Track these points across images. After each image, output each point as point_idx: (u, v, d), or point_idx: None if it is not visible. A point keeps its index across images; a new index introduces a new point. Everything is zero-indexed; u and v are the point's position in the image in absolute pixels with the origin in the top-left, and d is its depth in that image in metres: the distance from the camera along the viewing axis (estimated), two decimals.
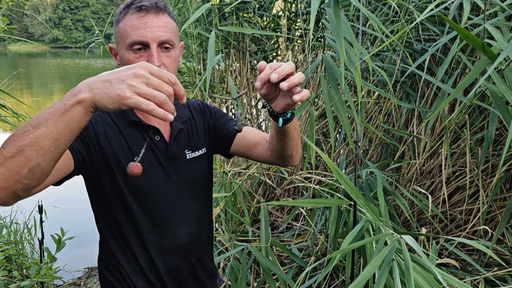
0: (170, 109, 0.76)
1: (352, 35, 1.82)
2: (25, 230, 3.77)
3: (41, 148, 0.75)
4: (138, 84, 0.73)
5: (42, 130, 0.75)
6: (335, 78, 2.04)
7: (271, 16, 4.11)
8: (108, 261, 1.24)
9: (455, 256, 2.43)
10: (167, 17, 1.12)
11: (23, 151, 0.75)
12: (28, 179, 0.78)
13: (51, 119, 0.75)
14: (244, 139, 1.27)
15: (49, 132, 0.75)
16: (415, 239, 2.43)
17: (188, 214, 1.25)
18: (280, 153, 1.18)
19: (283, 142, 1.12)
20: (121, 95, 0.73)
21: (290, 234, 3.04)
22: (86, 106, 0.75)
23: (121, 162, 1.13)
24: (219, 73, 4.22)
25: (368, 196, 2.34)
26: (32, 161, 0.76)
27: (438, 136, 2.67)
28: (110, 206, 1.18)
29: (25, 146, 0.75)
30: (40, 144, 0.75)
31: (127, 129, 1.17)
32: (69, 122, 0.75)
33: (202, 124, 1.30)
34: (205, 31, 3.97)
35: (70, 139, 0.78)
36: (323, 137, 3.45)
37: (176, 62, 1.15)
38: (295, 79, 0.88)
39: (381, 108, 3.00)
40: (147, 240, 1.19)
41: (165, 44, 1.11)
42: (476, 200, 2.66)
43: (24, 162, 0.76)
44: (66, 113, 0.75)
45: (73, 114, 0.75)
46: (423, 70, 2.57)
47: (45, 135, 0.75)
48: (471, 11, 2.42)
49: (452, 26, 1.57)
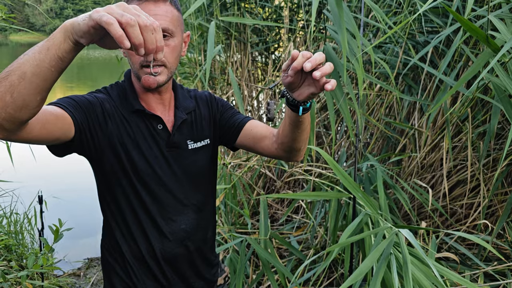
0: (135, 36, 0.73)
1: (355, 26, 1.79)
2: (25, 220, 3.77)
3: (23, 72, 0.77)
4: (116, 8, 0.74)
5: (28, 55, 0.78)
6: (337, 70, 2.02)
7: (273, 7, 4.07)
8: (109, 243, 1.27)
9: (454, 250, 2.43)
10: (167, 6, 1.11)
11: (8, 76, 0.77)
12: (11, 107, 0.78)
13: (38, 46, 0.79)
14: (251, 132, 1.27)
15: (32, 57, 0.77)
16: (414, 233, 2.43)
17: (187, 203, 1.26)
18: (289, 145, 1.17)
19: (295, 134, 1.12)
20: (93, 12, 0.74)
21: (289, 226, 3.03)
22: (66, 31, 0.77)
23: (126, 144, 1.15)
24: (220, 64, 4.19)
25: (368, 189, 2.32)
26: (14, 86, 0.77)
27: (439, 129, 2.65)
28: (112, 187, 1.19)
29: (11, 71, 0.78)
30: (22, 69, 0.77)
31: (131, 117, 1.18)
32: (50, 46, 0.77)
33: (208, 115, 1.31)
34: (206, 21, 3.94)
35: (49, 68, 0.78)
36: (324, 130, 3.43)
37: (175, 52, 1.14)
38: (326, 69, 0.90)
39: (382, 101, 2.98)
40: (146, 224, 1.21)
41: (163, 32, 1.09)
42: (477, 194, 2.65)
43: (8, 87, 0.77)
44: (49, 39, 0.78)
45: (54, 39, 0.77)
46: (425, 62, 2.54)
47: (28, 60, 0.77)
48: (475, 2, 2.39)
49: (455, 17, 1.54)
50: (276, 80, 4.02)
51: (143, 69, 1.11)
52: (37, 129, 0.91)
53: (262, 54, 4.42)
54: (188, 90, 1.34)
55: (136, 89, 1.21)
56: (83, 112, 1.08)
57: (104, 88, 1.23)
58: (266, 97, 4.25)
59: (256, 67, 4.42)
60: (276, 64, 4.19)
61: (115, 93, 1.20)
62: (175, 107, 1.25)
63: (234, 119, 1.31)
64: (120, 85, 1.23)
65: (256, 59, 4.45)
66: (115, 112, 1.16)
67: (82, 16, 0.76)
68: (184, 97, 1.28)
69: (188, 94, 1.31)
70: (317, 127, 3.37)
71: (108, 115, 1.15)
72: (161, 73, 1.12)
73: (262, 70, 4.45)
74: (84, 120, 1.08)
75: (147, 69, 1.10)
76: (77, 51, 0.80)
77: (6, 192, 3.88)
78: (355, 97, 2.05)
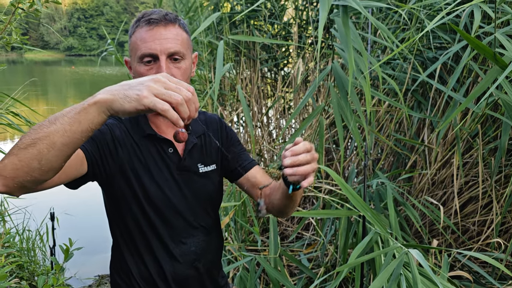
0: (184, 112, 0.79)
1: (361, 44, 1.80)
2: (37, 237, 3.80)
3: (53, 143, 0.79)
4: (157, 86, 0.78)
5: (57, 125, 0.79)
6: (344, 87, 2.03)
7: (282, 24, 4.11)
8: (119, 265, 1.27)
9: (468, 268, 2.38)
10: (177, 29, 1.13)
11: (36, 144, 0.79)
12: (37, 172, 0.81)
13: (67, 116, 0.79)
14: (252, 179, 1.31)
15: (62, 128, 0.79)
16: (426, 251, 2.40)
17: (196, 225, 1.27)
18: (278, 209, 1.22)
19: (285, 203, 1.16)
20: (139, 94, 0.77)
21: (299, 244, 3.01)
22: (101, 106, 0.79)
23: (137, 169, 1.17)
24: (230, 81, 4.23)
25: (378, 206, 2.31)
26: (43, 154, 0.79)
27: (450, 145, 2.63)
28: (122, 211, 1.20)
29: (38, 139, 0.79)
30: (52, 139, 0.79)
31: (142, 141, 1.19)
32: (83, 120, 0.79)
33: (216, 143, 1.33)
34: (216, 39, 3.99)
35: (81, 139, 0.80)
36: (334, 146, 3.43)
37: (186, 73, 1.16)
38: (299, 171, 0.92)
39: (392, 117, 2.97)
40: (156, 247, 1.22)
41: (174, 55, 1.12)
42: (489, 211, 2.61)
43: (36, 154, 0.79)
44: (81, 111, 0.79)
45: (87, 113, 0.79)
46: (434, 78, 2.53)
47: (58, 130, 0.79)
48: (483, 19, 2.39)
49: (462, 36, 1.54)
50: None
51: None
52: (55, 179, 0.94)
53: (271, 70, 4.46)
54: (198, 112, 1.35)
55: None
56: (94, 143, 1.10)
57: None
58: (275, 113, 4.26)
59: (266, 83, 4.45)
60: (285, 80, 4.21)
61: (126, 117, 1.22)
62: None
63: (241, 159, 1.33)
64: None
65: (265, 75, 4.48)
66: (125, 138, 1.18)
67: (121, 93, 0.78)
68: (194, 121, 1.29)
69: (198, 117, 1.31)
70: (327, 143, 3.36)
71: (118, 142, 1.16)
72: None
73: (272, 86, 4.48)
74: (95, 150, 1.10)
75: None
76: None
77: (18, 209, 3.92)
78: (363, 114, 2.05)
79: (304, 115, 4.04)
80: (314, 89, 2.23)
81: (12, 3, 1.85)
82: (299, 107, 2.31)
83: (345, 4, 1.66)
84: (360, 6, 1.54)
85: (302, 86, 3.94)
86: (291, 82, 4.05)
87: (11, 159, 0.81)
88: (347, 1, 1.60)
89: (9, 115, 3.04)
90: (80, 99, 15.16)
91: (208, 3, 4.19)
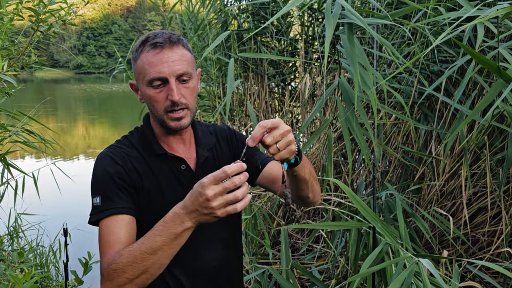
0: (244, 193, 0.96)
1: (366, 60, 1.86)
2: (50, 253, 3.85)
3: (162, 264, 1.01)
4: (218, 202, 0.93)
5: (160, 254, 0.99)
6: (351, 101, 2.08)
7: (289, 40, 4.19)
8: None
9: (479, 279, 2.39)
10: (181, 49, 1.16)
11: (148, 271, 1.00)
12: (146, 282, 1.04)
13: (166, 245, 0.99)
14: (270, 174, 1.31)
15: (166, 253, 1.00)
16: (436, 262, 2.41)
17: (215, 240, 1.27)
18: (296, 194, 1.24)
19: (295, 184, 1.19)
20: (215, 216, 0.95)
21: (310, 256, 3.03)
22: (192, 228, 0.99)
23: (152, 190, 1.19)
24: (238, 96, 4.30)
25: (388, 218, 2.33)
26: (155, 274, 1.02)
27: (457, 156, 2.66)
28: (142, 228, 1.20)
29: (149, 267, 1.00)
30: (160, 263, 1.01)
31: (153, 160, 1.22)
32: (181, 242, 1.00)
33: (228, 151, 1.34)
34: (224, 56, 4.08)
35: (179, 247, 1.02)
36: (342, 159, 3.46)
37: (194, 92, 1.20)
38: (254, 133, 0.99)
39: (399, 129, 3.01)
40: (176, 262, 1.19)
41: (183, 76, 1.15)
42: (499, 221, 2.62)
43: (149, 276, 1.02)
44: (178, 238, 0.99)
45: (184, 237, 1.00)
46: (440, 91, 2.57)
47: (163, 256, 1.00)
48: (486, 32, 2.44)
49: (467, 51, 1.59)
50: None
51: (168, 114, 1.15)
52: None
53: (278, 85, 4.53)
54: (207, 125, 1.37)
55: (156, 133, 1.24)
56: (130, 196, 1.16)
57: (124, 138, 1.27)
58: None
59: (273, 98, 4.52)
60: (293, 94, 4.28)
61: (136, 139, 1.25)
62: (196, 144, 1.28)
63: (255, 158, 1.33)
64: (140, 130, 1.27)
65: (273, 90, 4.55)
66: (138, 164, 1.20)
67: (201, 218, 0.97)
68: (204, 134, 1.31)
69: (207, 129, 1.35)
70: (335, 156, 3.40)
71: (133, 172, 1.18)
72: (185, 116, 1.17)
73: (279, 100, 4.54)
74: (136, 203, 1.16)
75: (172, 114, 1.15)
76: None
77: (32, 226, 3.98)
78: (370, 127, 2.09)
79: (312, 129, 4.09)
80: (322, 103, 2.28)
81: (32, 26, 1.94)
82: (308, 121, 2.35)
83: (350, 21, 1.72)
84: (364, 23, 1.60)
85: (309, 100, 4.00)
86: (298, 97, 4.11)
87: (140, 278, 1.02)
88: (352, 19, 1.66)
89: (24, 133, 3.13)
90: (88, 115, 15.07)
91: (216, 21, 4.29)
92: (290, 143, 0.99)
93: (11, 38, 2.03)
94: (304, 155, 1.18)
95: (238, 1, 4.23)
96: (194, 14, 4.32)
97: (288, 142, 0.98)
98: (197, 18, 4.36)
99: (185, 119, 1.17)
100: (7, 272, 1.52)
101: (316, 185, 1.24)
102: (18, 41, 2.04)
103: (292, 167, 1.11)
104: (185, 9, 4.49)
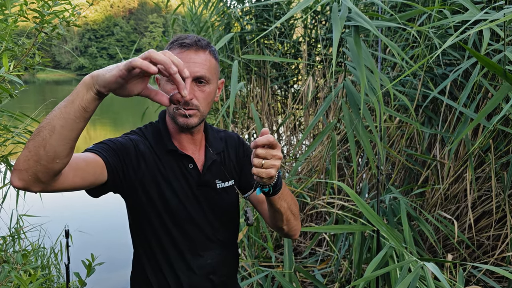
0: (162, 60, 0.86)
1: (373, 62, 1.85)
2: (52, 254, 3.84)
3: (53, 126, 0.88)
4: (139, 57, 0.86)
5: (55, 111, 0.89)
6: (356, 104, 2.07)
7: (292, 42, 4.19)
8: (139, 276, 1.33)
9: (484, 283, 2.38)
10: (207, 55, 1.20)
11: (40, 132, 0.88)
12: (44, 159, 0.88)
13: (63, 101, 0.90)
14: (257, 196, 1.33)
15: (59, 111, 0.88)
16: (440, 266, 2.39)
17: (213, 239, 1.31)
18: (271, 220, 1.25)
19: (271, 211, 1.20)
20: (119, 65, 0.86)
21: (313, 259, 3.02)
22: (88, 83, 0.88)
23: (159, 182, 1.22)
24: (241, 99, 4.29)
25: (392, 221, 2.32)
26: (46, 140, 0.88)
27: (462, 160, 2.64)
28: (142, 223, 1.26)
29: (41, 128, 0.88)
30: (52, 124, 0.88)
31: (164, 157, 1.25)
32: (74, 100, 0.88)
33: (234, 158, 1.38)
34: (227, 58, 4.07)
35: (75, 119, 0.89)
36: (346, 162, 3.45)
37: (209, 98, 1.22)
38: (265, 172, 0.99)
39: (403, 132, 3.00)
40: (174, 259, 1.27)
41: (200, 79, 1.18)
42: (503, 225, 2.61)
43: (40, 141, 0.88)
44: (73, 93, 0.89)
45: (77, 93, 0.89)
46: (444, 94, 2.56)
47: (56, 115, 0.88)
48: (492, 35, 2.43)
49: (472, 55, 1.58)
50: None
51: (178, 110, 1.19)
52: (70, 178, 0.99)
53: (281, 88, 4.52)
54: (218, 130, 1.42)
55: (170, 130, 1.29)
56: (115, 155, 1.16)
57: (139, 129, 1.31)
58: (286, 131, 4.31)
59: (276, 101, 4.51)
60: (296, 97, 4.27)
61: (150, 133, 1.29)
62: (205, 147, 1.32)
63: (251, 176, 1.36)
64: (155, 125, 1.32)
65: (276, 92, 4.54)
66: (149, 153, 1.24)
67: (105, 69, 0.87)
68: (214, 138, 1.35)
69: (218, 135, 1.39)
70: (338, 159, 3.39)
71: (142, 156, 1.22)
72: (194, 115, 1.20)
73: (282, 103, 4.53)
74: (117, 161, 1.15)
75: (181, 110, 1.19)
76: (99, 100, 0.90)
77: (34, 227, 3.97)
78: (375, 130, 2.09)
79: (315, 131, 4.08)
80: (326, 106, 2.27)
81: (36, 28, 1.93)
82: (312, 124, 2.35)
83: (356, 24, 1.71)
84: (372, 26, 1.59)
85: (312, 103, 3.98)
86: (301, 99, 4.10)
87: (23, 152, 0.89)
88: (359, 22, 1.65)
89: (27, 134, 3.12)
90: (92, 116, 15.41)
91: (219, 23, 4.29)
92: (273, 166, 0.99)
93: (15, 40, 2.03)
94: (289, 191, 1.21)
95: (241, 3, 4.23)
96: (196, 16, 4.32)
97: (272, 165, 0.99)
98: (200, 20, 4.36)
99: (193, 118, 1.20)
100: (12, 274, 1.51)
101: (295, 221, 1.25)
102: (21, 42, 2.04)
103: (267, 195, 1.11)
104: (187, 11, 4.49)
